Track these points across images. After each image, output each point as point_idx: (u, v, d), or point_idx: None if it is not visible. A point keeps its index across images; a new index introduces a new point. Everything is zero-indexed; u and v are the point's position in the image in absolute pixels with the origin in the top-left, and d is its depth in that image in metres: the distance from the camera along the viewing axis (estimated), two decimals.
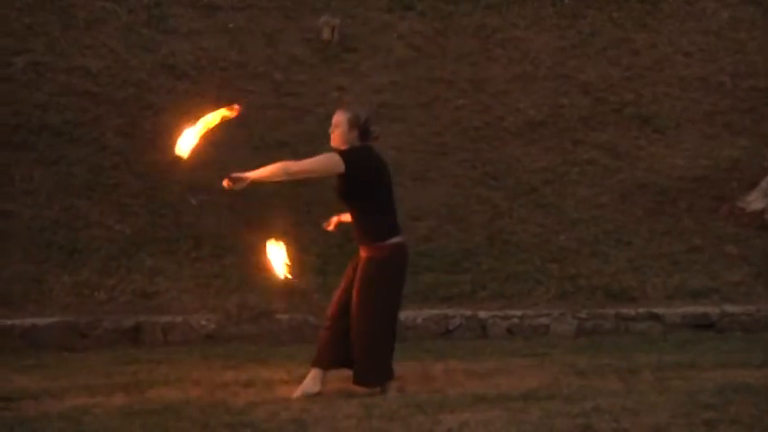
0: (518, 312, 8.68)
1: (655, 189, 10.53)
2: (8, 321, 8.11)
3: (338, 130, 5.76)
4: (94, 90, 10.89)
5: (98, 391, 5.92)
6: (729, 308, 8.86)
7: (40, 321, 8.14)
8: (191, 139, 5.80)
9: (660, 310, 8.77)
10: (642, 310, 8.79)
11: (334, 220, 6.24)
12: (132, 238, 9.28)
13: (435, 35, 12.28)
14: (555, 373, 6.40)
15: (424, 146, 10.85)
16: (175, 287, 8.81)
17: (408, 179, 10.20)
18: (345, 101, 10.74)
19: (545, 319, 8.64)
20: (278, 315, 8.47)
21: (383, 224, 5.74)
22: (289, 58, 11.73)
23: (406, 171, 10.24)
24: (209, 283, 8.87)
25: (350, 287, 5.77)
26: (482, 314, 8.62)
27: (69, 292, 8.67)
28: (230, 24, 12.03)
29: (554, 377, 6.25)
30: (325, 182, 6.29)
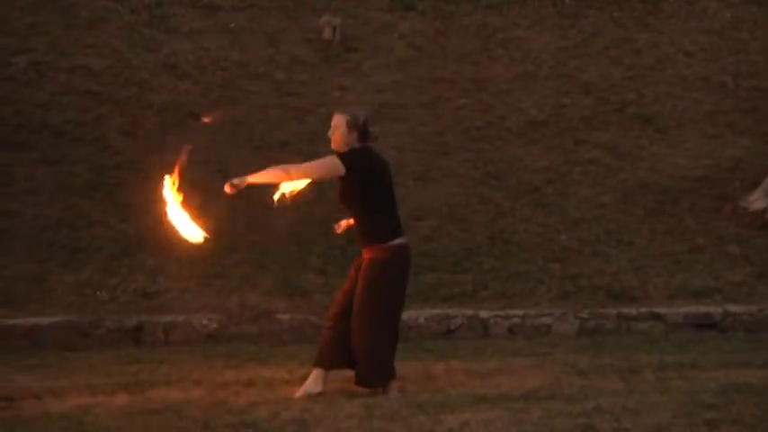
0: (519, 312, 8.67)
1: (657, 189, 10.52)
2: (10, 321, 8.11)
3: (337, 132, 5.76)
4: (96, 89, 10.90)
5: (100, 390, 5.93)
6: (731, 308, 8.84)
7: (41, 321, 8.14)
8: (184, 219, 5.80)
9: (662, 310, 8.75)
10: (644, 309, 8.77)
11: (344, 223, 6.21)
12: (134, 237, 9.27)
13: (436, 35, 12.27)
14: (556, 373, 6.40)
15: (426, 145, 10.84)
16: (177, 287, 8.80)
17: (410, 179, 10.20)
18: (346, 101, 10.74)
19: (546, 319, 8.63)
20: (279, 315, 8.47)
21: (385, 225, 5.74)
22: (290, 58, 11.73)
23: (408, 171, 10.24)
24: (210, 282, 8.86)
25: (352, 288, 5.77)
26: (483, 314, 8.61)
27: (71, 291, 8.67)
28: (231, 24, 12.04)
29: (555, 377, 6.24)
30: (327, 181, 6.28)
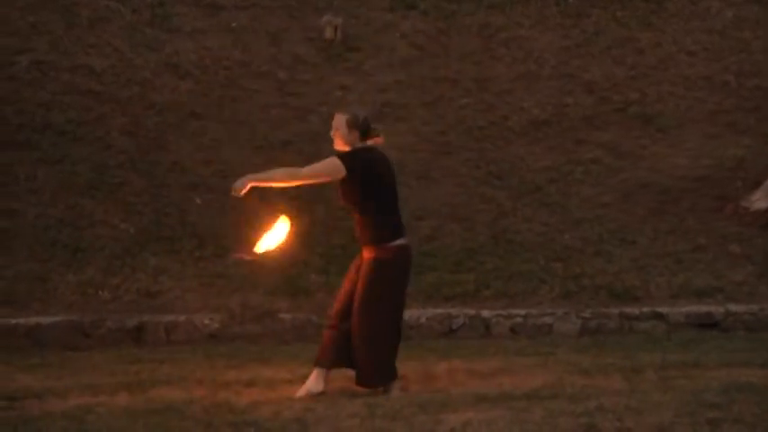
0: (522, 311, 8.66)
1: (658, 188, 10.51)
2: (12, 320, 8.12)
3: (338, 132, 5.76)
4: (98, 89, 10.90)
5: (101, 390, 5.93)
6: (733, 307, 8.84)
7: (43, 320, 8.15)
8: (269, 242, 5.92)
9: (664, 310, 8.74)
10: (646, 309, 8.76)
11: None
12: (136, 237, 9.28)
13: (438, 34, 12.27)
14: (558, 373, 6.39)
15: (428, 145, 10.84)
16: (179, 286, 8.81)
17: (412, 178, 10.19)
18: (348, 100, 10.74)
19: (549, 319, 8.62)
20: (281, 314, 8.47)
21: (387, 225, 5.73)
22: (292, 58, 11.73)
23: (410, 170, 10.23)
24: (212, 282, 8.87)
25: (352, 287, 5.76)
26: (485, 313, 8.61)
27: (73, 291, 8.68)
28: (234, 23, 12.04)
29: (557, 376, 6.23)
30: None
